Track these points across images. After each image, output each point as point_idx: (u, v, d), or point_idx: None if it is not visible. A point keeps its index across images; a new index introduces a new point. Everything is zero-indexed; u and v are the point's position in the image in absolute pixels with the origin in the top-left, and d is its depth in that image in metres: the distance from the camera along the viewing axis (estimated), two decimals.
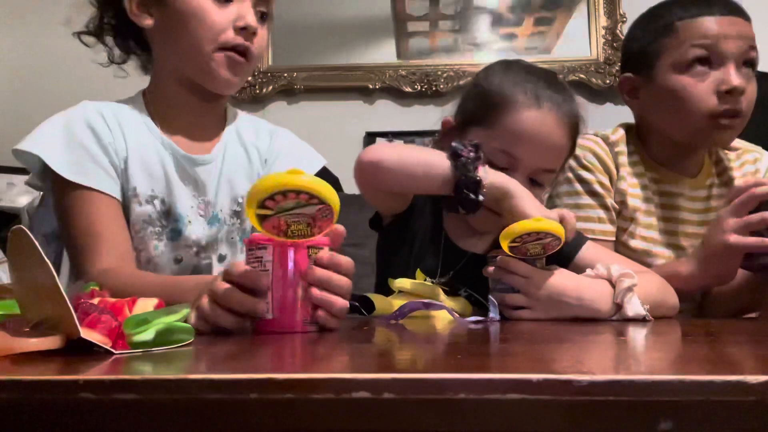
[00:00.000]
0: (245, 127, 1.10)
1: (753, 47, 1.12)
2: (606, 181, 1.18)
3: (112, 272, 0.88)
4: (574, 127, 0.99)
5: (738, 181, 1.23)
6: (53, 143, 0.96)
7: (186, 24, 0.95)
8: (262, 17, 1.00)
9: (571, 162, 1.20)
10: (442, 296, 0.95)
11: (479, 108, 0.99)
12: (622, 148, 1.21)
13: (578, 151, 1.20)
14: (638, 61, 1.20)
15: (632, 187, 1.18)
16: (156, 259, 1.00)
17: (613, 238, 1.17)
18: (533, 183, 0.96)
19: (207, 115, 1.06)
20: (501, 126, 0.95)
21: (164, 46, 1.00)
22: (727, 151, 1.27)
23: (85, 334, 0.50)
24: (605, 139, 1.22)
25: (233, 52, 0.96)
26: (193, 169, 1.02)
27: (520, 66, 1.03)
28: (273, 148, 1.10)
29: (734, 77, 1.10)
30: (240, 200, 1.05)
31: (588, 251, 1.00)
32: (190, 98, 1.02)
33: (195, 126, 1.04)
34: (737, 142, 1.27)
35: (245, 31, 0.95)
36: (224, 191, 1.04)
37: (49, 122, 0.99)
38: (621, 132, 1.24)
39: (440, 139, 1.04)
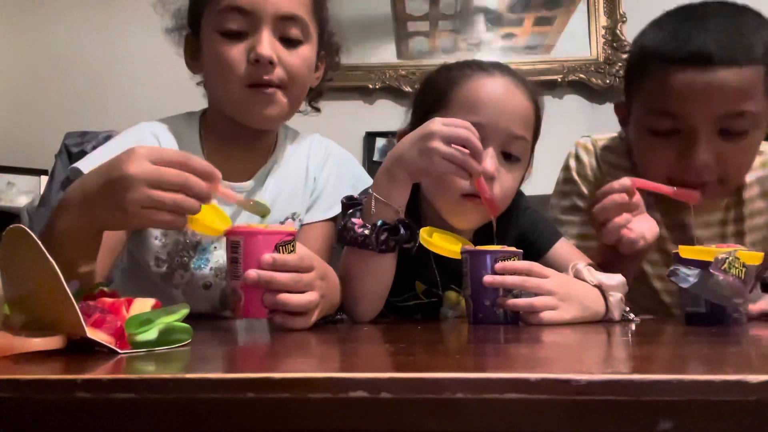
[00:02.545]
0: (298, 147, 1.08)
1: (741, 111, 0.92)
2: (588, 191, 1.12)
3: None
4: (532, 91, 0.95)
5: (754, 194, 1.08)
6: (93, 155, 0.93)
7: (212, 69, 0.96)
8: (290, 42, 0.95)
9: (559, 175, 1.17)
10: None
11: (431, 97, 0.96)
12: (615, 160, 1.11)
13: (567, 156, 1.17)
14: (625, 91, 1.08)
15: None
16: (184, 286, 0.99)
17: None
18: (509, 158, 0.92)
19: (256, 145, 1.03)
20: (457, 100, 0.92)
21: (210, 90, 1.01)
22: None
23: (91, 333, 0.50)
24: (594, 144, 1.13)
25: (259, 86, 0.92)
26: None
27: (461, 60, 1.02)
28: (324, 169, 1.07)
29: (698, 154, 0.94)
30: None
31: (561, 248, 1.01)
32: (239, 133, 0.99)
33: (241, 155, 1.01)
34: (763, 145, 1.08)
35: (259, 63, 0.91)
36: (256, 221, 1.00)
37: (103, 145, 0.97)
38: (613, 141, 1.13)
39: None
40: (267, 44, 0.91)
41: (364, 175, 1.10)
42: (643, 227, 0.91)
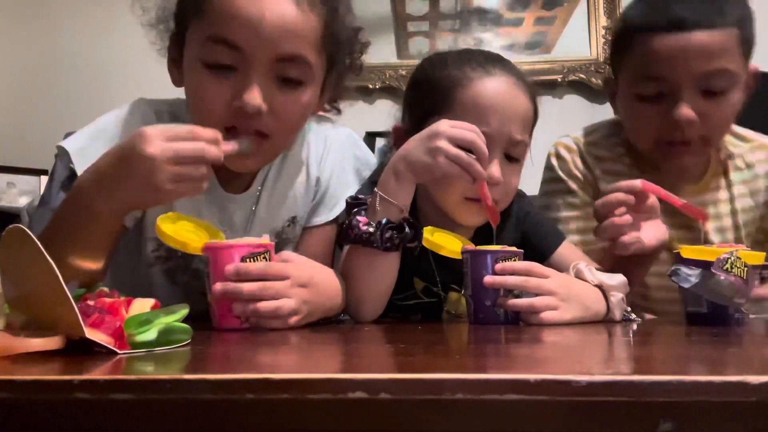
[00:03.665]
0: (295, 144, 0.99)
1: (718, 69, 0.99)
2: (576, 187, 1.14)
3: None
4: (531, 89, 0.95)
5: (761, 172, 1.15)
6: (82, 133, 0.89)
7: (191, 99, 0.87)
8: (288, 83, 0.83)
9: (543, 176, 1.18)
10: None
11: (431, 98, 0.94)
12: (602, 152, 1.15)
13: (547, 156, 1.18)
14: (611, 66, 1.14)
15: None
16: (185, 285, 0.97)
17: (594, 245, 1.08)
18: (510, 159, 0.92)
19: None
20: (460, 105, 0.91)
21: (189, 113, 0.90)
22: (737, 144, 1.17)
23: (90, 334, 0.49)
24: (577, 142, 1.16)
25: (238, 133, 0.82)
26: (225, 205, 0.95)
27: (454, 51, 1.01)
28: (326, 165, 1.00)
29: (680, 109, 0.99)
30: (274, 235, 0.98)
31: (564, 250, 1.01)
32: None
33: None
34: (752, 134, 1.19)
35: (242, 111, 0.79)
36: (256, 228, 0.97)
37: (98, 120, 0.92)
38: (598, 133, 1.18)
39: (393, 146, 1.00)
40: (257, 92, 0.79)
41: (367, 156, 1.06)
42: (646, 233, 0.90)
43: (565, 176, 1.15)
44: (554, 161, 1.17)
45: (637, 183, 0.90)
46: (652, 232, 0.91)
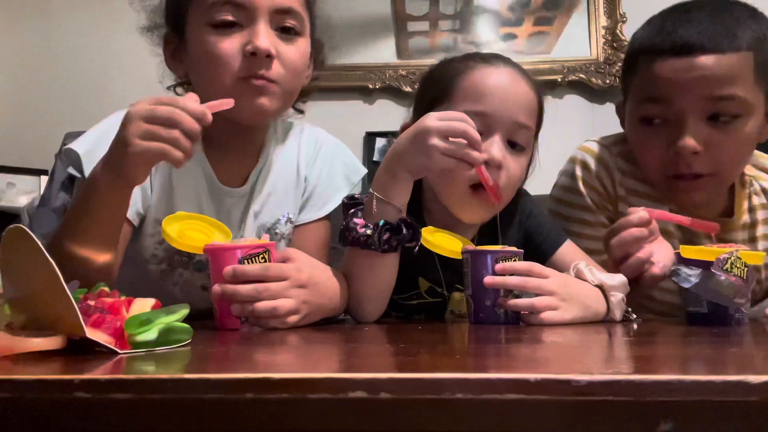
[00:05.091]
0: (288, 141, 1.04)
1: (726, 95, 0.93)
2: (594, 204, 1.07)
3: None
4: (534, 81, 0.96)
5: None
6: (89, 137, 0.91)
7: (202, 64, 0.92)
8: (287, 34, 0.92)
9: (561, 180, 1.13)
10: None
11: (434, 90, 0.96)
12: (629, 167, 1.07)
13: (570, 160, 1.12)
14: (622, 90, 1.09)
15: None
16: (183, 284, 0.98)
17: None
18: (514, 147, 0.91)
19: (248, 146, 1.00)
20: (461, 91, 0.92)
21: (197, 90, 0.91)
22: (765, 178, 1.10)
23: (91, 334, 0.50)
24: (605, 150, 1.09)
25: (253, 78, 0.89)
26: (222, 199, 0.98)
27: (462, 54, 1.03)
28: (315, 165, 1.04)
29: (684, 138, 0.94)
30: (265, 231, 1.01)
31: (566, 250, 1.00)
32: (229, 133, 0.96)
33: (236, 152, 0.99)
34: None
35: (256, 56, 0.88)
36: (250, 222, 1.00)
37: (103, 121, 0.95)
38: (627, 145, 1.08)
39: None
40: (265, 36, 0.88)
41: (356, 164, 1.08)
42: (662, 257, 0.89)
43: (585, 189, 1.08)
44: (578, 170, 1.09)
45: (644, 214, 0.89)
46: (664, 254, 0.90)
